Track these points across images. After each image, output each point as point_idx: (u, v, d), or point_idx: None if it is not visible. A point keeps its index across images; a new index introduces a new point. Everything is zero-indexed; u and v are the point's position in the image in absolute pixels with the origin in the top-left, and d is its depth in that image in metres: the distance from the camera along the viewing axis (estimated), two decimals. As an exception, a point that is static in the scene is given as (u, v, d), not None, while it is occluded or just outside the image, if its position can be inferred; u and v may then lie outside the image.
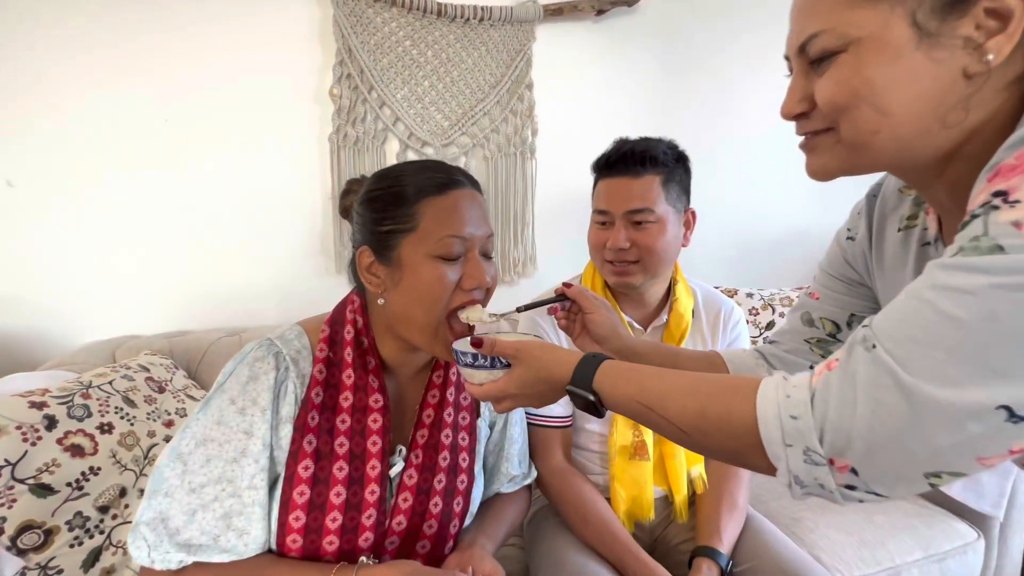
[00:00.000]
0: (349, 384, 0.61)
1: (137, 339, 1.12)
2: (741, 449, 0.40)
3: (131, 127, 1.14)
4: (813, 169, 0.46)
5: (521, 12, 1.29)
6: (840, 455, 0.34)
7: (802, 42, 0.42)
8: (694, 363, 0.69)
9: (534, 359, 0.52)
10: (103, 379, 0.84)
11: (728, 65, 1.46)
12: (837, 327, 0.62)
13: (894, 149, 0.40)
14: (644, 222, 0.83)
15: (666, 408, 0.44)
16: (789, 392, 0.37)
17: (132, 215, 1.16)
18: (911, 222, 0.52)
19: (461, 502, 0.67)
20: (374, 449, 0.61)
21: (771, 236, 1.59)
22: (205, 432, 0.56)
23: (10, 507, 0.65)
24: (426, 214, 0.59)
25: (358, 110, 1.25)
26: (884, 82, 0.38)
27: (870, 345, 0.34)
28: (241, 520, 0.56)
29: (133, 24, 1.11)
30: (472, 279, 0.60)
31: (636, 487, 0.89)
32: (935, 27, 0.37)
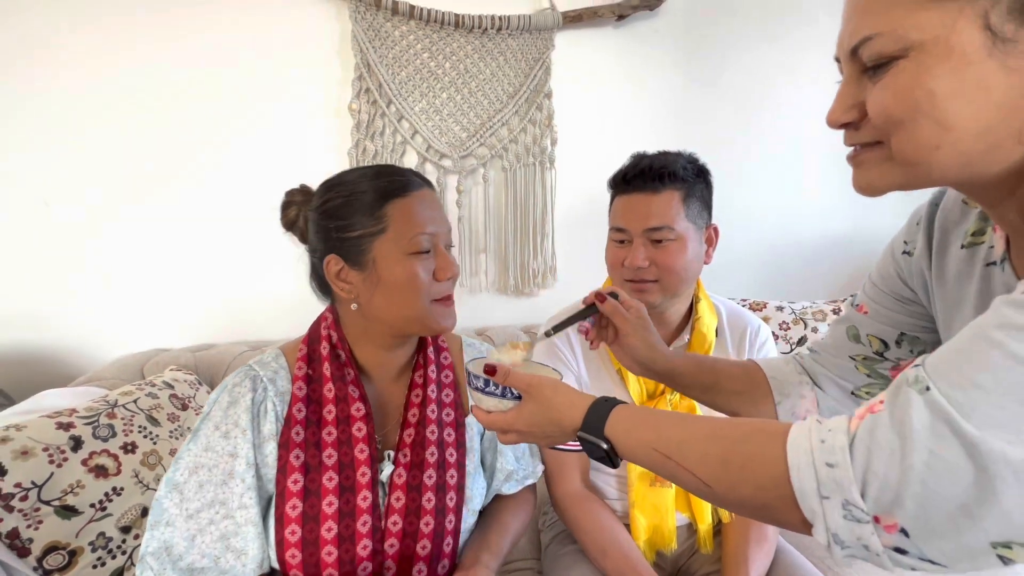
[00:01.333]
0: (331, 397, 0.64)
1: (165, 353, 1.15)
2: (771, 502, 0.36)
3: (159, 146, 1.17)
4: (860, 185, 0.41)
5: (540, 20, 1.27)
6: (887, 512, 0.30)
7: (855, 44, 0.37)
8: (733, 381, 0.64)
9: (545, 399, 0.50)
10: (128, 397, 0.86)
11: (753, 69, 1.40)
12: (885, 345, 0.57)
13: (957, 165, 0.35)
14: (663, 240, 0.79)
15: (685, 456, 0.41)
16: (824, 437, 0.34)
17: (160, 230, 1.20)
18: (976, 238, 0.46)
19: (455, 497, 0.67)
20: (362, 456, 0.63)
21: (803, 246, 1.51)
22: (196, 460, 0.59)
23: (36, 528, 0.67)
24: (393, 215, 0.62)
25: (377, 124, 1.25)
26: (948, 93, 0.33)
27: (923, 387, 0.30)
28: (238, 540, 0.58)
29: (160, 45, 1.14)
30: (444, 271, 0.64)
31: (657, 515, 0.86)
32: (1012, 31, 0.32)
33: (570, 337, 0.90)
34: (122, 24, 1.12)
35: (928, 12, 0.33)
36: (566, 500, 0.87)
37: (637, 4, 1.30)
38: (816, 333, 1.23)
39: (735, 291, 1.38)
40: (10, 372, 1.13)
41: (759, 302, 1.31)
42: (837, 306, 1.28)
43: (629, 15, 1.31)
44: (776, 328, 1.25)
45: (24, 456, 0.68)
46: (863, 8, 0.37)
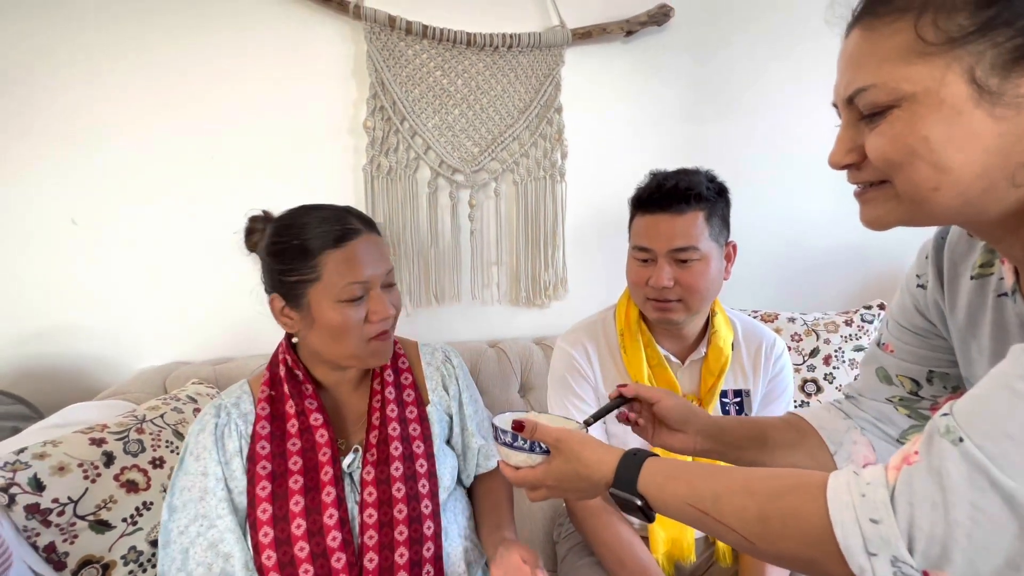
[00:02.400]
0: (292, 412, 0.71)
1: (186, 366, 1.18)
2: (816, 557, 0.36)
3: (180, 164, 1.20)
4: (867, 220, 0.43)
5: (549, 37, 1.29)
6: (936, 568, 0.31)
7: (850, 94, 0.39)
8: (781, 433, 0.63)
9: (573, 453, 0.49)
10: (155, 412, 0.89)
11: (762, 82, 1.41)
12: (917, 384, 0.57)
13: (957, 205, 0.37)
14: (689, 260, 0.81)
15: (722, 512, 0.40)
16: (864, 491, 0.34)
17: (181, 246, 1.23)
18: (985, 270, 0.47)
19: (427, 484, 0.73)
20: (324, 459, 0.69)
21: (814, 257, 1.52)
22: (182, 483, 0.68)
23: (72, 543, 0.69)
24: (327, 265, 0.67)
25: (391, 141, 1.27)
26: (942, 140, 0.36)
27: (956, 438, 0.31)
28: (224, 546, 0.65)
29: (182, 66, 1.17)
30: (376, 314, 0.69)
31: (676, 528, 0.87)
32: (996, 84, 0.34)
33: (587, 347, 0.92)
34: (145, 47, 1.15)
35: (917, 66, 0.36)
36: (584, 512, 0.88)
37: (645, 20, 1.32)
38: (828, 344, 1.24)
39: (747, 303, 1.39)
40: (37, 385, 1.16)
41: (770, 313, 1.32)
42: (849, 317, 1.28)
43: (638, 31, 1.33)
44: (788, 340, 1.25)
45: (61, 472, 0.71)
46: (856, 62, 0.39)
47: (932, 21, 0.35)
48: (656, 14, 1.32)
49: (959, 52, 0.35)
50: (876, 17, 0.38)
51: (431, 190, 1.31)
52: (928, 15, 0.35)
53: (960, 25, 0.35)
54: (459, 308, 1.38)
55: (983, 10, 0.34)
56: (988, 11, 0.34)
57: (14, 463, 0.68)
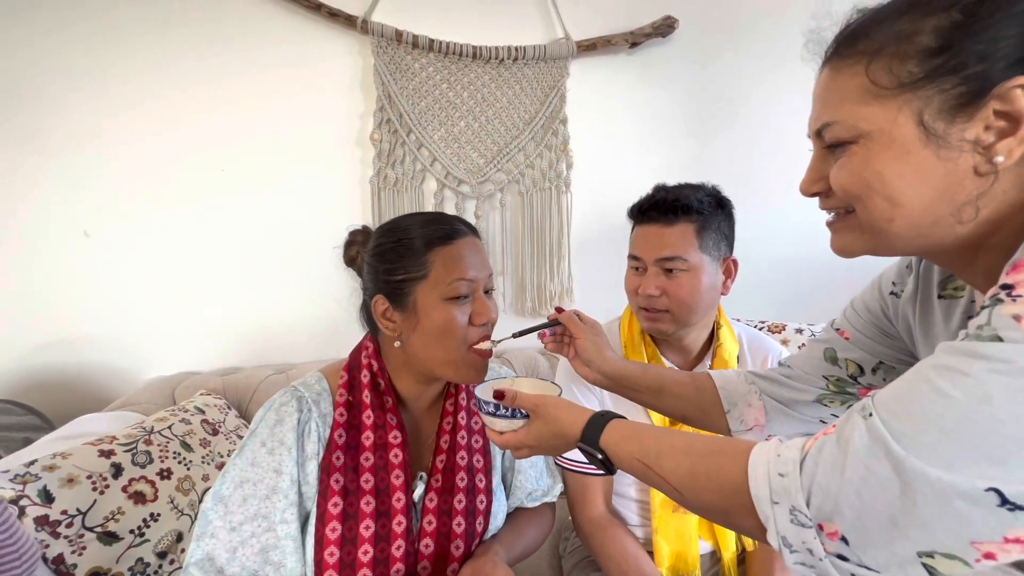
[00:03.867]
0: (369, 424, 0.66)
1: (194, 376, 1.19)
2: (731, 508, 0.41)
3: (189, 176, 1.22)
4: (836, 248, 0.46)
5: (554, 49, 1.30)
6: (828, 519, 0.35)
7: (818, 128, 0.43)
8: (681, 387, 0.69)
9: (550, 416, 0.55)
10: (163, 423, 0.90)
11: (768, 94, 1.41)
12: (861, 371, 0.60)
13: (911, 236, 0.40)
14: (675, 270, 0.81)
15: (661, 467, 0.46)
16: (780, 452, 0.38)
17: (190, 257, 1.24)
18: (956, 292, 0.49)
19: (483, 522, 0.71)
20: (397, 482, 0.65)
21: (820, 268, 1.50)
22: (241, 475, 0.61)
23: (80, 554, 0.69)
24: (436, 262, 0.65)
25: (397, 153, 1.29)
26: (893, 175, 0.39)
27: (867, 414, 0.35)
28: (277, 554, 0.60)
29: (191, 80, 1.20)
30: (481, 315, 0.66)
31: (680, 542, 0.85)
32: (942, 129, 0.37)
33: None
34: (155, 63, 1.18)
35: (872, 107, 0.39)
36: (589, 526, 0.87)
37: (650, 32, 1.33)
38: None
39: (753, 314, 1.38)
40: (49, 394, 1.18)
41: (777, 324, 1.30)
42: (857, 327, 1.27)
43: (642, 43, 1.34)
44: (796, 351, 1.24)
45: (70, 484, 0.71)
46: (823, 98, 0.43)
47: (886, 66, 0.38)
48: (660, 26, 1.33)
49: (909, 96, 0.37)
50: (841, 58, 0.41)
51: (437, 201, 1.32)
52: (882, 60, 0.38)
53: (910, 72, 0.37)
54: (465, 318, 1.38)
55: (931, 59, 0.37)
56: (935, 60, 0.36)
57: (24, 475, 0.69)
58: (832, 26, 0.44)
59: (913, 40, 0.37)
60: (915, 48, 0.37)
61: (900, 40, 0.38)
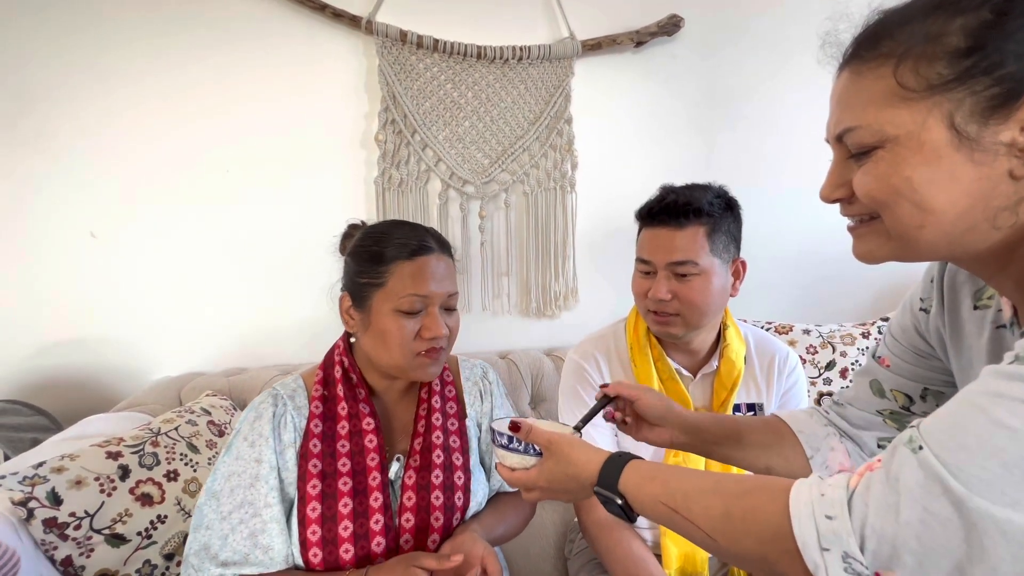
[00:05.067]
0: (344, 414, 0.72)
1: (200, 377, 1.20)
2: (773, 555, 0.37)
3: (195, 177, 1.22)
4: (859, 254, 0.44)
5: (559, 49, 1.29)
6: (886, 568, 0.31)
7: (839, 133, 0.41)
8: (759, 435, 0.64)
9: (563, 455, 0.52)
10: (170, 425, 0.90)
11: (775, 92, 1.40)
12: (910, 400, 0.57)
13: (943, 244, 0.39)
14: (687, 274, 0.80)
15: (690, 509, 0.42)
16: (824, 491, 0.35)
17: (196, 257, 1.25)
18: (987, 301, 0.47)
19: (462, 497, 0.74)
20: (372, 464, 0.70)
21: (828, 268, 1.49)
22: (228, 469, 0.67)
23: (88, 556, 0.70)
24: (395, 274, 0.69)
25: (402, 153, 1.28)
26: (924, 181, 0.37)
27: (916, 447, 0.32)
28: (264, 537, 0.65)
29: (196, 81, 1.20)
30: (428, 330, 0.70)
31: (689, 544, 0.85)
32: (975, 132, 0.35)
33: (598, 360, 0.91)
34: (160, 64, 1.18)
35: (900, 110, 0.37)
36: (596, 528, 0.87)
37: (655, 31, 1.32)
38: (844, 357, 1.21)
39: (761, 315, 1.37)
40: (57, 395, 1.19)
41: (785, 325, 1.29)
42: (866, 329, 1.26)
43: (647, 41, 1.33)
44: (803, 352, 1.23)
45: (78, 486, 0.72)
46: (844, 102, 0.41)
47: (913, 68, 0.36)
48: (666, 24, 1.32)
49: (939, 99, 0.36)
50: (863, 61, 0.40)
51: (442, 202, 1.32)
52: (909, 62, 0.37)
53: (939, 73, 0.36)
54: (469, 319, 1.38)
55: (961, 60, 0.35)
56: (966, 61, 0.35)
57: (33, 477, 0.70)
58: (849, 28, 0.42)
59: (941, 41, 0.36)
60: (944, 49, 0.36)
61: (928, 41, 0.36)
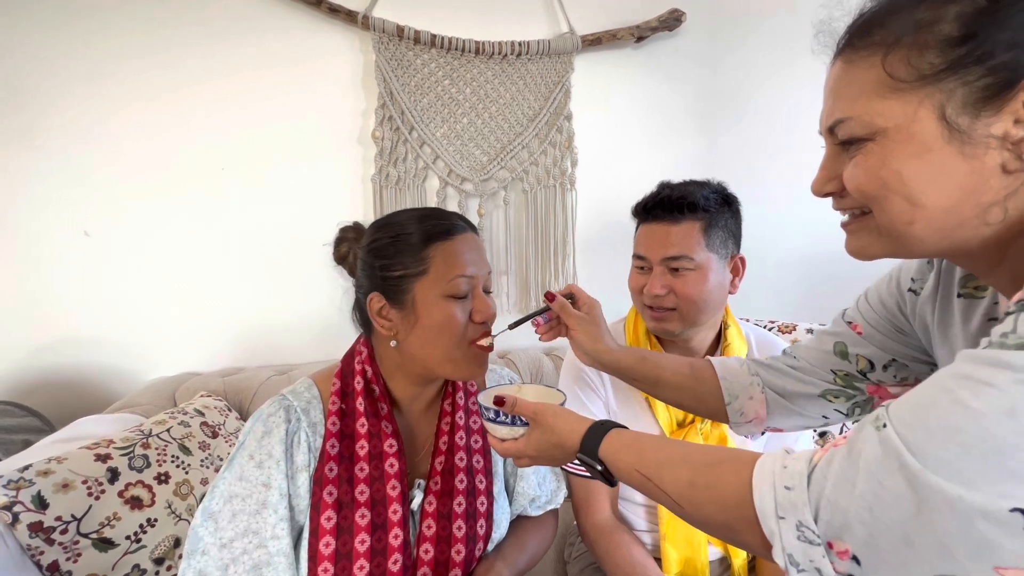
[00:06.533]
0: (363, 433, 0.64)
1: (196, 377, 1.18)
2: (733, 523, 0.38)
3: (189, 174, 1.21)
4: (852, 250, 0.44)
5: (559, 44, 1.28)
6: (838, 537, 0.33)
7: (831, 124, 0.40)
8: (679, 377, 0.67)
9: (548, 425, 0.53)
10: (162, 426, 0.88)
11: (777, 88, 1.38)
12: (871, 367, 0.57)
13: (933, 239, 0.38)
14: (682, 269, 0.79)
15: (661, 477, 0.44)
16: (787, 463, 0.36)
17: (191, 256, 1.23)
18: (977, 292, 0.46)
19: (484, 525, 0.69)
20: (393, 493, 0.63)
21: (831, 266, 1.47)
22: (230, 489, 0.59)
23: (75, 561, 0.68)
24: (435, 258, 0.63)
25: (399, 150, 1.27)
26: (912, 175, 0.36)
27: (881, 424, 0.33)
28: (270, 571, 0.58)
29: (189, 76, 1.18)
30: (481, 313, 0.65)
31: (689, 548, 0.83)
32: (966, 124, 0.34)
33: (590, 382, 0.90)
34: (154, 59, 1.16)
35: (890, 102, 0.36)
36: (595, 532, 0.85)
37: (656, 26, 1.30)
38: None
39: (763, 314, 1.35)
40: (50, 395, 1.17)
41: (788, 325, 1.27)
42: (870, 327, 1.24)
43: (648, 36, 1.31)
44: (806, 349, 1.21)
45: (65, 489, 0.70)
46: (836, 93, 0.40)
47: (904, 57, 0.36)
48: (667, 19, 1.30)
49: (930, 89, 0.35)
50: (855, 51, 0.39)
51: (440, 199, 1.30)
52: (900, 51, 0.36)
53: (931, 63, 0.35)
54: (468, 318, 1.36)
55: (953, 48, 0.34)
56: (958, 50, 0.34)
57: (18, 481, 0.68)
58: (844, 16, 0.41)
59: (933, 29, 0.35)
60: (936, 37, 0.35)
61: (919, 29, 0.35)
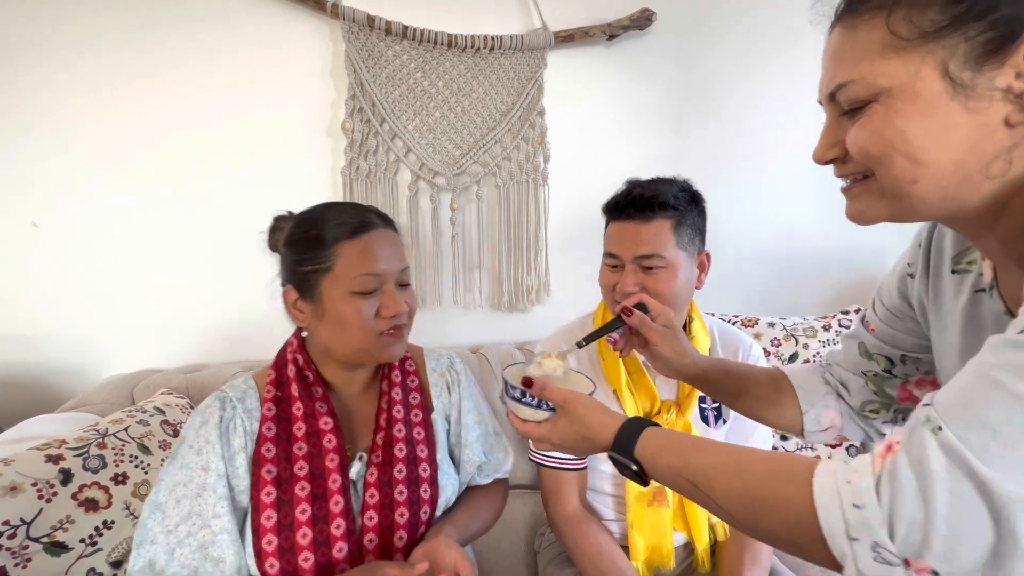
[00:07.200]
0: (299, 415, 0.68)
1: (156, 374, 1.14)
2: (798, 540, 0.37)
3: (148, 164, 1.16)
4: (852, 215, 0.44)
5: (532, 40, 1.28)
6: (917, 556, 0.31)
7: (832, 90, 0.40)
8: (760, 389, 0.66)
9: (578, 416, 0.52)
10: (119, 425, 0.85)
11: (747, 86, 1.42)
12: (891, 363, 0.59)
13: (936, 199, 0.38)
14: (654, 267, 0.81)
15: (712, 488, 0.42)
16: (850, 478, 0.34)
17: (150, 249, 1.18)
18: (969, 266, 0.48)
19: (428, 489, 0.72)
20: (332, 465, 0.67)
21: (795, 263, 1.53)
22: (173, 479, 0.63)
23: (24, 567, 0.65)
24: (342, 255, 0.66)
25: (370, 143, 1.25)
26: (917, 133, 0.36)
27: (936, 427, 0.31)
28: (215, 549, 0.61)
29: (151, 66, 1.13)
30: (388, 308, 0.67)
31: (655, 535, 0.86)
32: (969, 78, 0.35)
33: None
34: (115, 44, 1.11)
35: (893, 61, 0.37)
36: (564, 522, 0.87)
37: (628, 24, 1.32)
38: (807, 349, 1.25)
39: (728, 308, 1.39)
40: None
41: (751, 318, 1.32)
42: (827, 322, 1.29)
43: (620, 35, 1.33)
44: (768, 344, 1.26)
45: (12, 492, 0.67)
46: (837, 58, 0.40)
47: (905, 16, 0.36)
48: (638, 18, 1.32)
49: (932, 47, 0.35)
50: (856, 14, 0.39)
51: (411, 193, 1.29)
52: (901, 10, 0.36)
53: (932, 20, 0.35)
54: (440, 313, 1.36)
55: (954, 5, 0.35)
56: (959, 6, 0.34)
57: (-39, 484, 0.65)
58: None
59: None
60: None
61: None
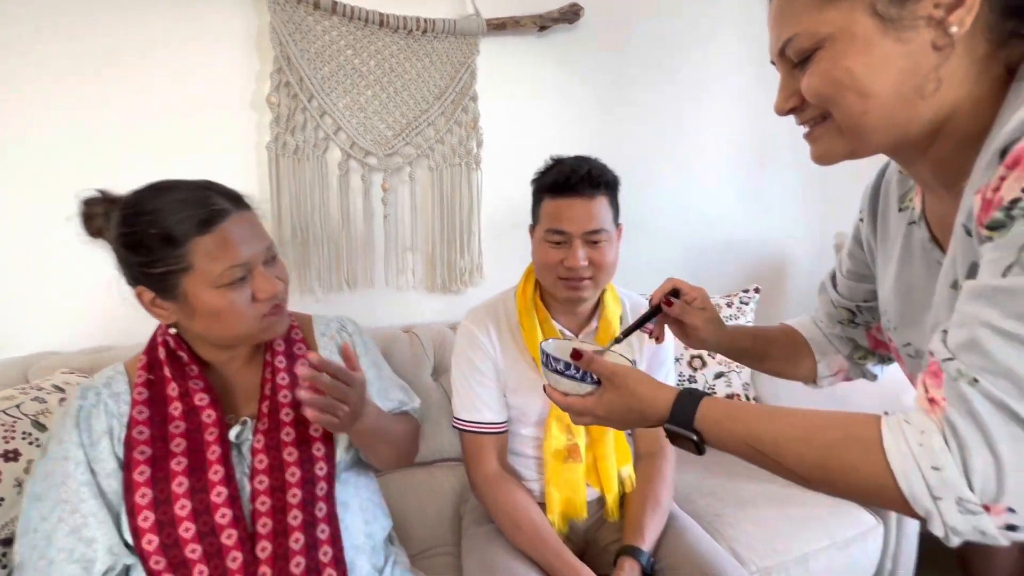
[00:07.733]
0: (175, 395, 0.68)
1: (54, 356, 1.06)
2: (878, 502, 0.40)
3: (53, 138, 1.07)
4: (816, 156, 0.48)
5: (464, 25, 1.31)
6: (995, 500, 0.34)
7: (780, 46, 0.46)
8: (781, 349, 0.72)
9: (627, 388, 0.52)
10: (10, 402, 0.79)
11: (665, 82, 1.53)
12: (852, 314, 0.67)
13: (884, 127, 0.43)
14: (600, 241, 0.87)
15: (782, 455, 0.44)
16: (921, 440, 0.37)
17: (53, 225, 1.10)
18: (908, 203, 0.54)
19: (321, 447, 0.72)
20: (211, 438, 0.67)
21: (710, 245, 1.68)
22: (44, 469, 0.64)
23: None
24: (197, 252, 0.61)
25: (297, 118, 1.23)
26: (861, 69, 0.41)
27: (971, 379, 0.35)
28: (87, 531, 0.62)
29: (65, 29, 1.05)
30: (263, 291, 0.66)
31: (569, 488, 0.93)
32: (896, 13, 0.40)
33: (488, 326, 0.95)
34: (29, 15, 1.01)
35: (829, 11, 0.42)
36: (484, 483, 0.92)
37: (557, 17, 1.38)
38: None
39: (644, 288, 1.50)
40: None
41: (665, 297, 1.44)
42: (731, 299, 1.43)
43: (550, 27, 1.39)
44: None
45: None
46: (779, 18, 0.46)
47: None
48: (567, 12, 1.39)
49: None
50: None
51: (342, 172, 1.28)
52: None
53: None
54: (372, 294, 1.36)
55: None
56: None
57: None
58: None
59: None
60: None
61: None
